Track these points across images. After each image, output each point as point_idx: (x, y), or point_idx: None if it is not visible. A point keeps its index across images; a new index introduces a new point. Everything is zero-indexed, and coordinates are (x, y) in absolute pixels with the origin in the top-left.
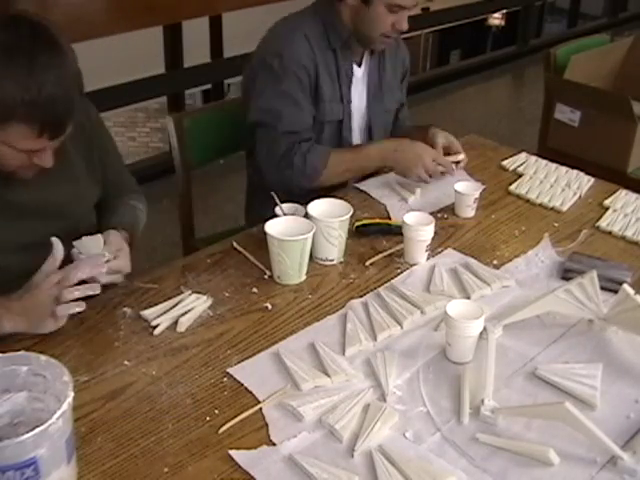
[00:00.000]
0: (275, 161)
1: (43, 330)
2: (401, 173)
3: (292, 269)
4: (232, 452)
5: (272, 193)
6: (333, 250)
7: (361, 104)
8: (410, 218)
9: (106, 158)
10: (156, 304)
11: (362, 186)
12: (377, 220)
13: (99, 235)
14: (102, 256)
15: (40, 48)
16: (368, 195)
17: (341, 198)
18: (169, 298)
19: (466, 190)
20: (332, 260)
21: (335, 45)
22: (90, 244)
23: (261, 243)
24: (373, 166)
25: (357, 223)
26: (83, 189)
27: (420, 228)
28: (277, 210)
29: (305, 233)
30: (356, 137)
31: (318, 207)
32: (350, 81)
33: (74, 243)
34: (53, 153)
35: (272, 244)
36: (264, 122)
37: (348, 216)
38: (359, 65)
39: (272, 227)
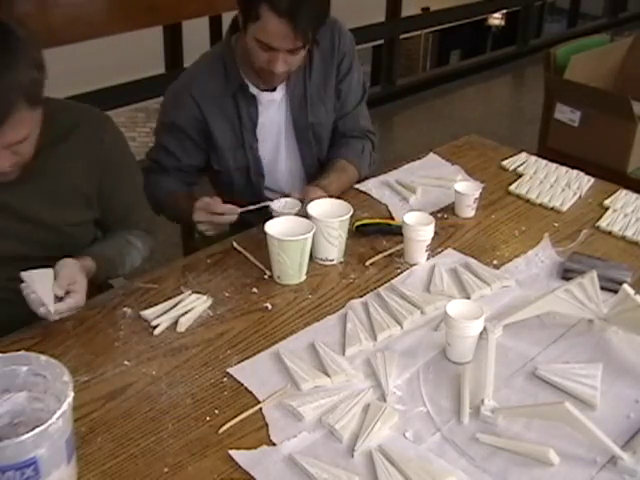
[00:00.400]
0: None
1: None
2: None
3: (292, 269)
4: (232, 452)
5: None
6: (333, 250)
7: (283, 128)
8: (410, 218)
9: (116, 187)
10: (156, 304)
11: (362, 187)
12: (377, 220)
13: (50, 270)
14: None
15: None
16: (368, 195)
17: (340, 198)
18: (169, 298)
19: (466, 190)
20: (332, 260)
21: (234, 89)
22: (39, 278)
23: (261, 243)
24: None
25: (357, 223)
26: (77, 207)
27: (420, 228)
28: (272, 205)
29: (305, 233)
30: (281, 173)
31: (318, 207)
32: (255, 124)
33: (22, 275)
34: (10, 159)
35: (272, 244)
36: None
37: (348, 216)
38: (274, 89)
39: (272, 227)
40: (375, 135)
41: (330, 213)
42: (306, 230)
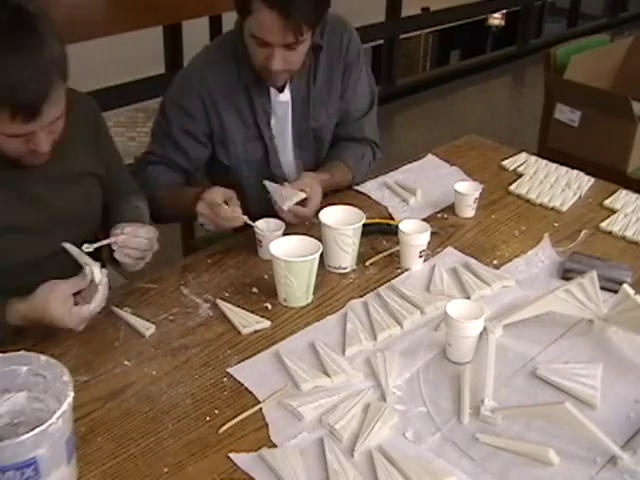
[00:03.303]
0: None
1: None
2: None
3: (300, 291)
4: (232, 455)
5: (244, 217)
6: (347, 258)
7: (290, 131)
8: (406, 225)
9: (109, 157)
10: (156, 304)
11: (361, 188)
12: (377, 220)
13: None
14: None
15: (11, 31)
16: (368, 196)
17: (340, 200)
18: (169, 298)
19: (466, 190)
20: (345, 268)
21: (246, 82)
22: None
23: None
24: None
25: None
26: (90, 187)
27: (413, 235)
28: (256, 229)
29: (311, 251)
30: (290, 166)
31: (330, 214)
32: (269, 117)
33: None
34: (51, 139)
35: (278, 266)
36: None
37: (362, 223)
38: (281, 90)
39: (277, 248)
40: (379, 148)
41: (343, 220)
42: (312, 249)
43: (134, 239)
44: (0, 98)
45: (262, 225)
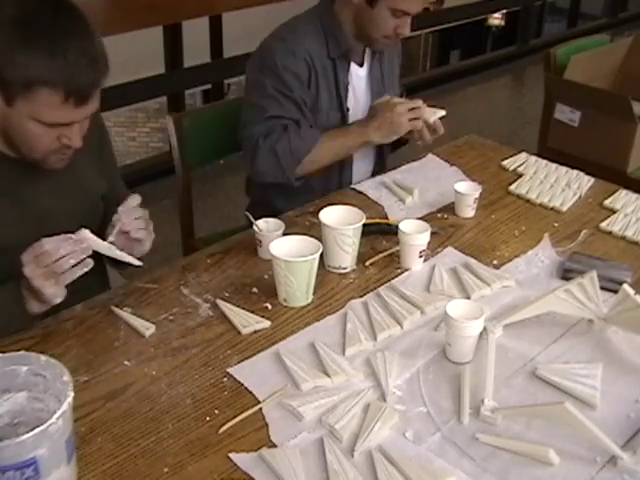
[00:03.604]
0: (267, 136)
1: (52, 303)
2: (392, 136)
3: (299, 291)
4: (232, 455)
5: (246, 213)
6: (347, 258)
7: (367, 104)
8: (406, 225)
9: (111, 172)
10: (156, 304)
11: (359, 187)
12: (377, 220)
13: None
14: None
15: (64, 17)
16: (365, 196)
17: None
18: (169, 298)
19: (466, 190)
20: (345, 268)
21: (334, 55)
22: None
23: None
24: (357, 143)
25: None
26: (93, 201)
27: (413, 235)
28: (254, 227)
29: (311, 251)
30: None
31: (330, 214)
32: (347, 89)
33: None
34: (81, 135)
35: (278, 266)
36: (264, 105)
37: (362, 223)
38: (361, 65)
39: (277, 248)
40: None
41: (342, 220)
42: (312, 249)
43: (132, 222)
44: (56, 80)
45: (262, 225)
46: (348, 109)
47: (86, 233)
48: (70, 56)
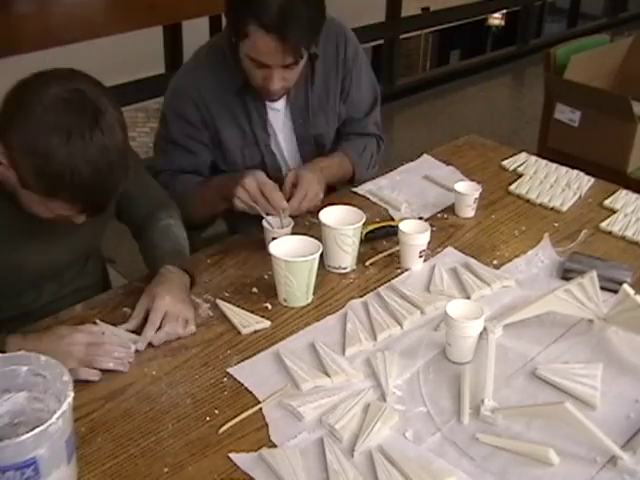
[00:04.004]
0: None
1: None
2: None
3: (299, 291)
4: (232, 455)
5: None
6: (347, 258)
7: (287, 135)
8: (406, 225)
9: (131, 195)
10: None
11: (360, 190)
12: (382, 224)
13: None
14: (130, 345)
15: (96, 131)
16: (365, 198)
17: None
18: None
19: (466, 190)
20: (345, 268)
21: (239, 86)
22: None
23: (260, 243)
24: (216, 199)
25: (364, 230)
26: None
27: (413, 235)
28: (264, 223)
29: (311, 251)
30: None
31: (330, 214)
32: (265, 122)
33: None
34: None
35: (278, 266)
36: (152, 164)
37: (361, 223)
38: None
39: (277, 248)
40: (382, 140)
41: (342, 220)
42: (312, 249)
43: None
44: (77, 198)
45: (273, 222)
46: (269, 143)
47: (132, 343)
48: (93, 175)
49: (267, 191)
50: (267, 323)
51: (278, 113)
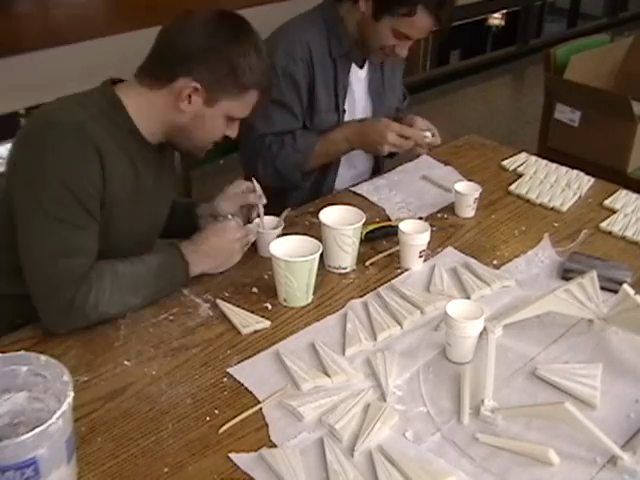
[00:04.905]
0: (262, 155)
1: (227, 266)
2: (369, 151)
3: (299, 291)
4: (232, 455)
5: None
6: (347, 258)
7: (365, 106)
8: (406, 225)
9: None
10: (156, 304)
11: (358, 189)
12: (381, 224)
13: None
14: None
15: (238, 25)
16: (364, 198)
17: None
18: (169, 298)
19: (466, 190)
20: (345, 268)
21: (335, 55)
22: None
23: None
24: (342, 149)
25: (364, 230)
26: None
27: (413, 235)
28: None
29: (311, 251)
30: None
31: (330, 214)
32: (346, 91)
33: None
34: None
35: (278, 266)
36: (252, 124)
37: (361, 223)
38: (361, 67)
39: (277, 248)
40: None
41: (342, 220)
42: (312, 249)
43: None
44: (265, 83)
45: (267, 223)
46: (344, 111)
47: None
48: (265, 57)
49: (407, 132)
50: (267, 323)
51: (359, 83)
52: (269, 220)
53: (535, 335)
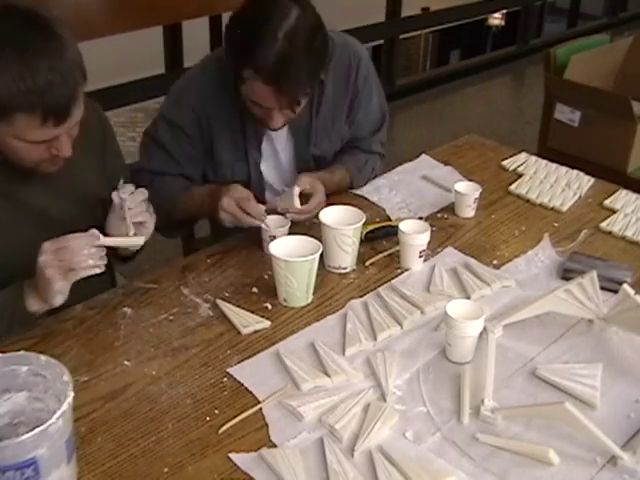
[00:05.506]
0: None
1: (53, 303)
2: (215, 218)
3: (299, 291)
4: (232, 455)
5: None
6: (347, 258)
7: (290, 154)
8: (406, 225)
9: (118, 163)
10: (156, 304)
11: (359, 190)
12: (382, 224)
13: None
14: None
15: (32, 37)
16: (364, 198)
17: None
18: (169, 298)
19: (466, 190)
20: (345, 268)
21: (239, 106)
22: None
23: (260, 243)
24: (204, 210)
25: (364, 230)
26: (91, 203)
27: (413, 235)
28: (263, 225)
29: (311, 251)
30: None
31: (330, 214)
32: (259, 140)
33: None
34: (71, 142)
35: (278, 266)
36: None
37: (361, 223)
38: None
39: (276, 248)
40: (384, 157)
41: (342, 220)
42: (312, 249)
43: (137, 206)
44: (31, 104)
45: (271, 222)
46: (259, 161)
47: (98, 233)
48: (41, 78)
49: (246, 206)
50: (267, 323)
51: (280, 132)
52: (275, 219)
53: (535, 335)
